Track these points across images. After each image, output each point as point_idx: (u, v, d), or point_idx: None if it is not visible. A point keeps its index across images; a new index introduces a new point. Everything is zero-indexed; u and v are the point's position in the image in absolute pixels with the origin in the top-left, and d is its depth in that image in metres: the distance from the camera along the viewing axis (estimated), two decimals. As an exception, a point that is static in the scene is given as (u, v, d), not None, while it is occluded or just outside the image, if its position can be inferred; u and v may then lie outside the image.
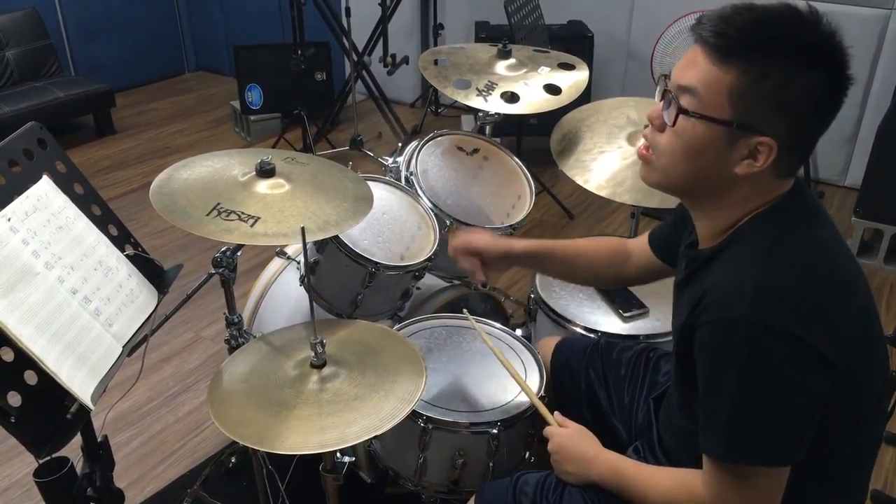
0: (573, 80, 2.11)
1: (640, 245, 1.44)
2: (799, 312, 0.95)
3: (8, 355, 1.12)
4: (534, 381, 1.59)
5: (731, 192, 1.05)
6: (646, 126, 1.13)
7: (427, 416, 1.49)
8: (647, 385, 1.50)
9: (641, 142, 1.14)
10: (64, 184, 1.34)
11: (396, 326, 1.76)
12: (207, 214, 1.37)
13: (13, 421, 1.11)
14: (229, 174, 1.50)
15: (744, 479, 1.00)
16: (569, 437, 1.30)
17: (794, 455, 0.99)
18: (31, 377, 1.14)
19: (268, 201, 1.42)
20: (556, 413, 1.37)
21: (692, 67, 1.01)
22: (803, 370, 0.95)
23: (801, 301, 0.96)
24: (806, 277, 0.99)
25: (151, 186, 1.44)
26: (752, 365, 0.95)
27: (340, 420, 1.21)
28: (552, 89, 2.07)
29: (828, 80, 0.97)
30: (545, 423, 1.37)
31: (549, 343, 1.66)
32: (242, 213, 1.38)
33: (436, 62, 2.18)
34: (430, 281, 2.02)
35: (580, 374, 1.56)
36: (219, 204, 1.39)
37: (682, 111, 1.02)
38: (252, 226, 1.35)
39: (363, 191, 1.53)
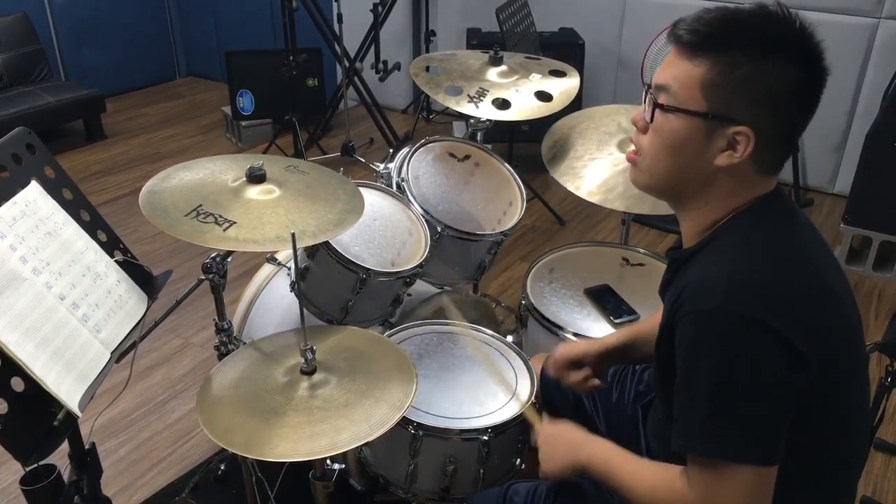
0: (564, 87, 2.12)
1: None
2: (772, 304, 0.96)
3: (-6, 362, 1.11)
4: (524, 386, 1.59)
5: (713, 187, 1.07)
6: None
7: (417, 423, 1.48)
8: (634, 392, 1.50)
9: (631, 148, 1.16)
10: (53, 189, 1.33)
11: (387, 333, 1.76)
12: (186, 215, 1.36)
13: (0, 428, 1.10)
14: (222, 178, 1.49)
15: (727, 478, 0.99)
16: (559, 427, 1.30)
17: (774, 451, 0.98)
18: (17, 384, 1.13)
19: (250, 207, 1.41)
20: (544, 414, 1.37)
21: (668, 67, 1.06)
22: (777, 360, 0.96)
23: (774, 294, 0.98)
24: (781, 272, 1.00)
25: (146, 184, 1.44)
26: (726, 355, 0.96)
27: (330, 427, 1.20)
28: (543, 96, 2.07)
29: (800, 71, 1.00)
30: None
31: (539, 359, 1.67)
32: (220, 216, 1.37)
33: (427, 69, 2.18)
34: (421, 287, 2.02)
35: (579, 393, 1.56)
36: (200, 206, 1.39)
37: (658, 106, 1.06)
38: (225, 230, 1.34)
39: (353, 205, 1.52)
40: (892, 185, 2.92)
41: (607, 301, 1.88)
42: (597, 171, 1.92)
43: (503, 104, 2.03)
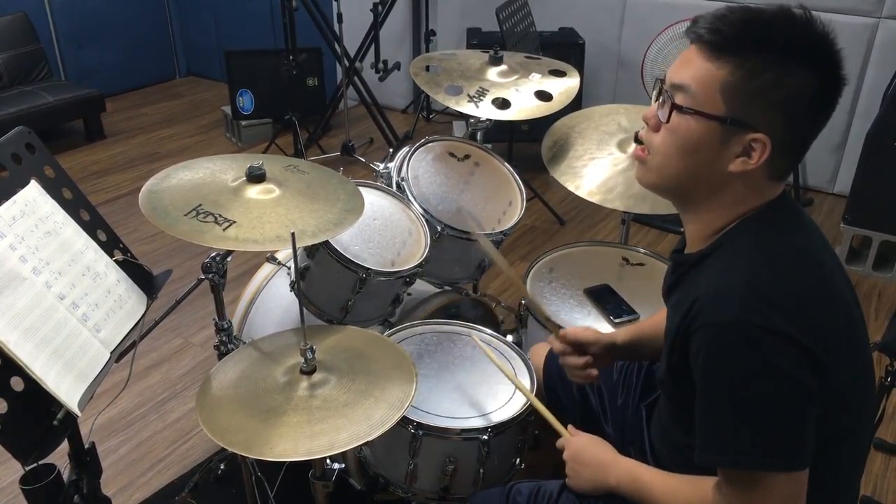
0: (564, 86, 2.12)
1: None
2: (787, 313, 0.96)
3: (-6, 361, 1.11)
4: (524, 385, 1.59)
5: (725, 192, 1.06)
6: (637, 131, 1.14)
7: (417, 423, 1.48)
8: (640, 391, 1.50)
9: (633, 147, 1.14)
10: (52, 189, 1.33)
11: (387, 332, 1.76)
12: (185, 215, 1.36)
13: (-1, 428, 1.10)
14: (222, 178, 1.49)
15: (760, 488, 0.99)
16: (585, 443, 1.29)
17: (805, 456, 0.98)
18: (17, 384, 1.13)
19: (249, 207, 1.41)
20: (569, 426, 1.36)
21: (687, 66, 1.03)
22: (797, 367, 0.95)
23: (788, 302, 0.97)
24: (792, 280, 1.00)
25: (146, 183, 1.43)
26: (748, 366, 0.96)
27: (330, 426, 1.20)
28: (543, 96, 2.07)
29: (820, 78, 0.99)
30: (556, 434, 1.36)
31: (540, 350, 1.66)
32: (219, 215, 1.37)
33: (427, 68, 2.18)
34: (421, 287, 2.02)
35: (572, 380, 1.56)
36: (200, 205, 1.39)
37: (675, 107, 1.03)
38: (225, 230, 1.34)
39: (353, 205, 1.51)
40: (892, 184, 2.92)
41: (607, 301, 1.88)
42: (597, 170, 1.92)
43: (503, 104, 2.03)
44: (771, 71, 0.97)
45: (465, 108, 2.01)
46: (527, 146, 3.70)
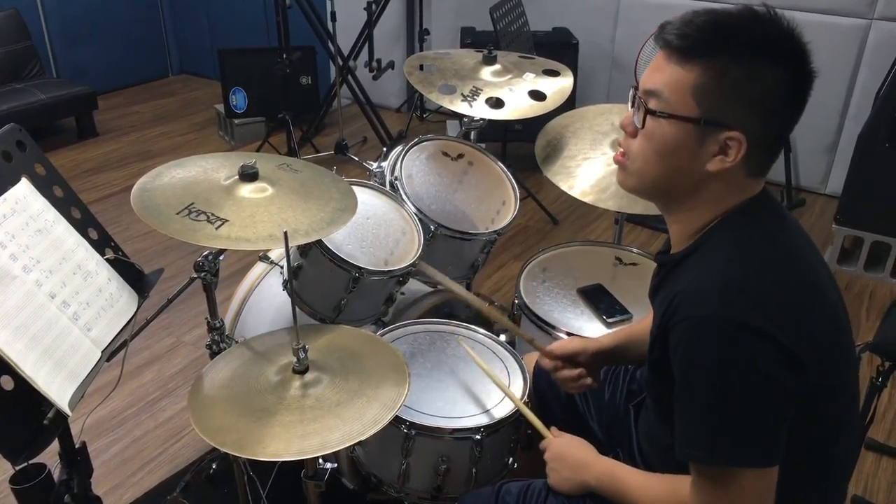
0: (558, 86, 2.12)
1: None
2: (767, 310, 0.96)
3: (-16, 360, 1.11)
4: (517, 385, 1.59)
5: (705, 191, 1.07)
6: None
7: (410, 422, 1.48)
8: (626, 392, 1.50)
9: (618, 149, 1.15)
10: (43, 186, 1.32)
11: (380, 332, 1.76)
12: (178, 213, 1.35)
13: (-12, 427, 1.09)
14: (215, 176, 1.48)
15: (731, 483, 1.00)
16: (566, 444, 1.30)
17: (776, 453, 0.98)
18: (7, 382, 1.13)
19: (242, 205, 1.40)
20: (552, 428, 1.37)
21: (657, 72, 1.05)
22: (773, 364, 0.96)
23: (768, 299, 0.98)
24: (773, 276, 1.00)
25: (138, 182, 1.43)
26: (723, 362, 0.96)
27: (322, 426, 1.20)
28: (537, 95, 2.07)
29: (789, 74, 1.00)
30: (540, 436, 1.36)
31: (531, 357, 1.67)
32: (212, 214, 1.36)
33: (421, 67, 2.18)
34: (414, 286, 2.01)
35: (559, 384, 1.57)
36: (192, 204, 1.38)
37: (649, 112, 1.05)
38: (217, 228, 1.33)
39: (346, 204, 1.51)
40: (884, 185, 2.94)
41: (600, 300, 1.88)
42: (590, 170, 1.93)
43: (497, 103, 2.03)
44: (740, 69, 0.98)
45: (459, 107, 2.00)
46: (520, 146, 3.70)
